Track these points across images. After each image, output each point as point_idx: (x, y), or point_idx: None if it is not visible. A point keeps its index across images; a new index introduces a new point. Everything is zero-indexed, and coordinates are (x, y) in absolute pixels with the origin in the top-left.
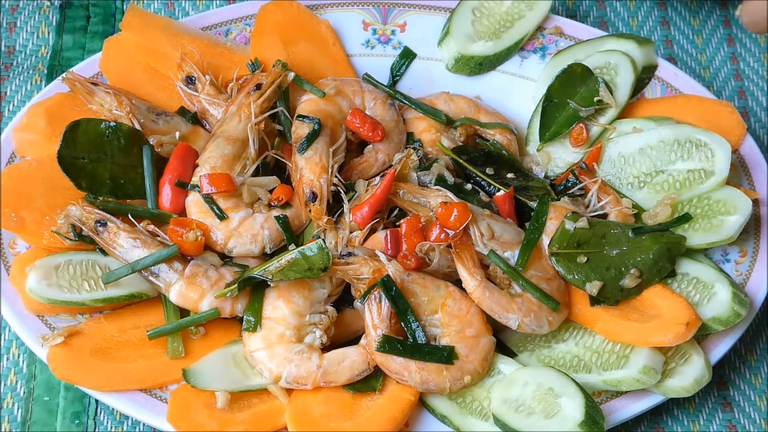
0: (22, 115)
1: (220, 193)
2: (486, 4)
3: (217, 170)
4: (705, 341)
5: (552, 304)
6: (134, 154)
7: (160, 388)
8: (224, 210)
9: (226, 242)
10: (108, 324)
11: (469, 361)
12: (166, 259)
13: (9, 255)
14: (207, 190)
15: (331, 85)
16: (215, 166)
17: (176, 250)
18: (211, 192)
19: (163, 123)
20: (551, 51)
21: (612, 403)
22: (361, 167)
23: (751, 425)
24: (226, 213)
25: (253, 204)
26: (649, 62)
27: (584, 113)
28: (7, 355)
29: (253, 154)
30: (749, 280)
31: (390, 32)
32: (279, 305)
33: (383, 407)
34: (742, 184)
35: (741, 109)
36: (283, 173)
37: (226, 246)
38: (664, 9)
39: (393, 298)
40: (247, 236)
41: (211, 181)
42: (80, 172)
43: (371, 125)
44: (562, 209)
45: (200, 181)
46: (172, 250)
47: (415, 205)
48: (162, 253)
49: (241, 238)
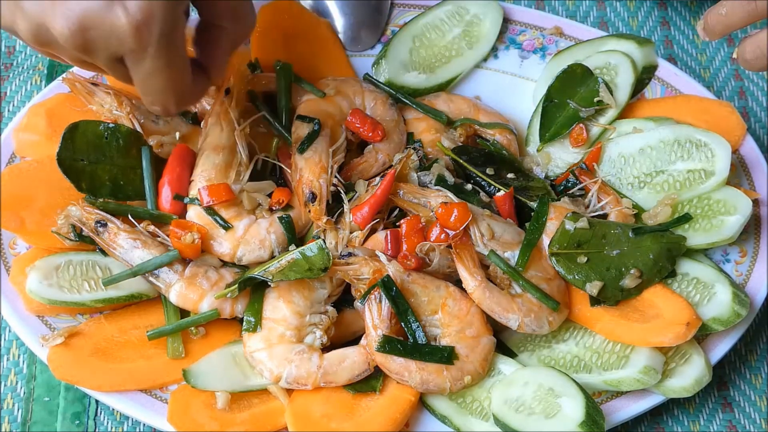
0: (23, 116)
1: (220, 204)
2: (428, 35)
3: (213, 181)
4: (705, 341)
5: (552, 305)
6: (133, 156)
7: (161, 389)
8: (227, 220)
9: (234, 251)
10: (108, 324)
11: (470, 362)
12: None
13: (9, 255)
14: (207, 202)
15: (331, 85)
16: (210, 177)
17: (177, 256)
18: (211, 203)
19: (163, 123)
20: (551, 51)
21: (612, 403)
22: (361, 167)
23: (751, 425)
24: (229, 222)
25: (255, 210)
26: (649, 62)
27: (584, 113)
28: (8, 356)
29: (245, 159)
30: (749, 280)
31: (390, 33)
32: (279, 305)
33: (383, 407)
34: (742, 184)
35: (741, 109)
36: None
37: (234, 255)
38: (664, 9)
39: (393, 299)
40: (255, 243)
41: (210, 192)
42: (80, 173)
43: (371, 125)
44: (563, 209)
45: (200, 194)
46: (174, 255)
47: (415, 205)
48: (163, 258)
49: (248, 245)
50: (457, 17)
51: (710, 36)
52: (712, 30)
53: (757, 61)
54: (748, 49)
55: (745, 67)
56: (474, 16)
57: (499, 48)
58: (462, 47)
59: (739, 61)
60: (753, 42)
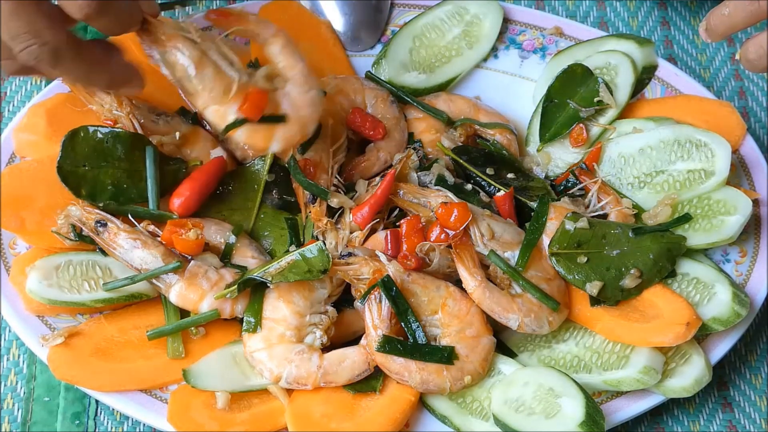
0: (23, 116)
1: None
2: (428, 35)
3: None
4: (705, 341)
5: (552, 305)
6: (137, 159)
7: (161, 389)
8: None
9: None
10: (108, 324)
11: (470, 362)
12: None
13: (9, 255)
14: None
15: (332, 84)
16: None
17: (179, 266)
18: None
19: (163, 123)
20: (551, 51)
21: (612, 403)
22: (362, 167)
23: (751, 425)
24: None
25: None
26: (649, 62)
27: (584, 113)
28: (8, 356)
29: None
30: (749, 280)
31: (390, 33)
32: (279, 306)
33: (383, 407)
34: (742, 184)
35: (741, 109)
36: None
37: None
38: (664, 9)
39: (393, 299)
40: None
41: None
42: (80, 179)
43: (372, 124)
44: (563, 209)
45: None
46: (175, 266)
47: (415, 205)
48: (167, 267)
49: None
50: (457, 17)
51: (712, 37)
52: (715, 31)
53: (759, 61)
54: (751, 50)
55: (748, 67)
56: (474, 16)
57: (499, 48)
58: (462, 47)
59: (741, 61)
60: (756, 42)
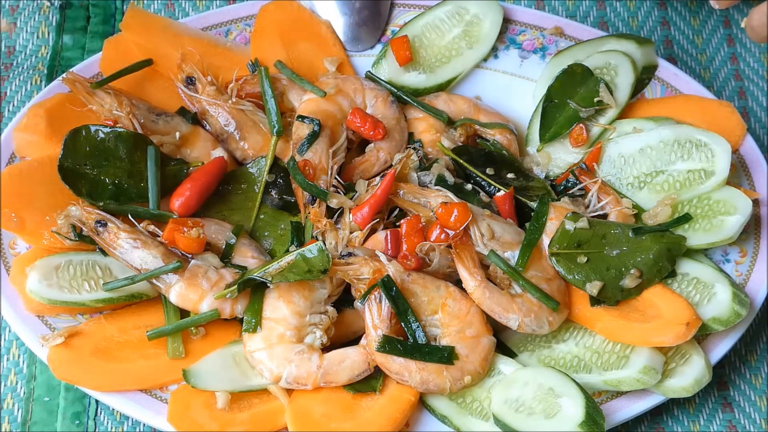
0: (23, 116)
1: None
2: (428, 35)
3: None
4: (705, 341)
5: (552, 305)
6: (138, 159)
7: (161, 389)
8: None
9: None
10: (108, 324)
11: (470, 362)
12: (165, 260)
13: (9, 255)
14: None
15: (331, 83)
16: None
17: (179, 266)
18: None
19: (163, 123)
20: (551, 51)
21: (612, 403)
22: (363, 167)
23: (751, 425)
24: None
25: None
26: (649, 62)
27: (584, 113)
28: (8, 356)
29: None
30: (749, 280)
31: (390, 33)
32: (279, 305)
33: (383, 407)
34: (742, 184)
35: (741, 109)
36: None
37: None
38: (664, 9)
39: (393, 299)
40: None
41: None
42: (80, 178)
43: (372, 124)
44: (563, 209)
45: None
46: (175, 265)
47: (415, 205)
48: (167, 267)
49: None
50: (457, 17)
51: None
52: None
53: (761, 28)
54: (755, 17)
55: (751, 35)
56: (474, 16)
57: (499, 48)
58: (462, 47)
59: (746, 30)
60: (759, 10)
